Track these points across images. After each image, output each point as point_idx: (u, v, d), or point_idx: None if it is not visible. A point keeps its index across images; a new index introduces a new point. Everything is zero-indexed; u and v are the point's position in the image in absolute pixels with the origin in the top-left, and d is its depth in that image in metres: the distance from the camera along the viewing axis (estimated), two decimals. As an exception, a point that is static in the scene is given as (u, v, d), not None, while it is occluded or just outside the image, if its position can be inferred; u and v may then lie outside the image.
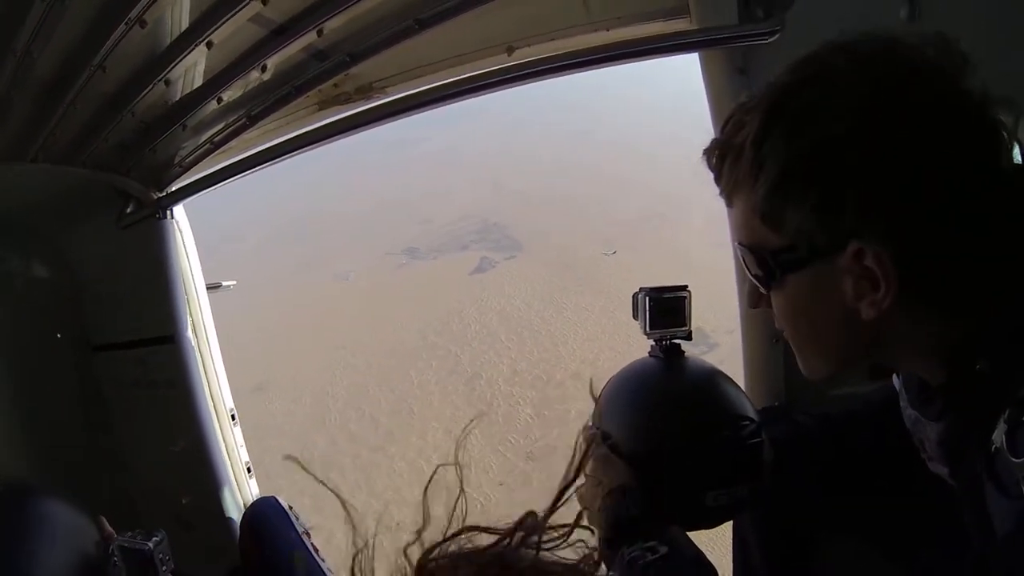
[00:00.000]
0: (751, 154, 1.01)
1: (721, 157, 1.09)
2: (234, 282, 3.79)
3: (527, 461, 8.02)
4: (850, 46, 0.99)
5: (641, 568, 1.16)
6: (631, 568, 1.17)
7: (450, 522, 0.76)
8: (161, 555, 1.83)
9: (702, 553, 1.23)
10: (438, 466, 0.92)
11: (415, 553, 0.74)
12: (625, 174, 14.69)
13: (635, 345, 1.57)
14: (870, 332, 1.00)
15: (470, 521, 0.76)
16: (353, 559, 0.77)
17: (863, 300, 0.97)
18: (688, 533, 1.31)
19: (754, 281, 1.12)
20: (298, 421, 12.13)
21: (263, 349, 14.73)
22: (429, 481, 0.85)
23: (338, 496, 0.85)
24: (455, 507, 0.77)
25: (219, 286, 3.34)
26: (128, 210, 2.74)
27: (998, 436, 0.87)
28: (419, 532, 0.75)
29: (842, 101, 0.93)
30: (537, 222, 15.44)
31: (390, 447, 10.12)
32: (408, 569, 0.74)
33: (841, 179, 0.93)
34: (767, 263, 1.06)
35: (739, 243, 1.10)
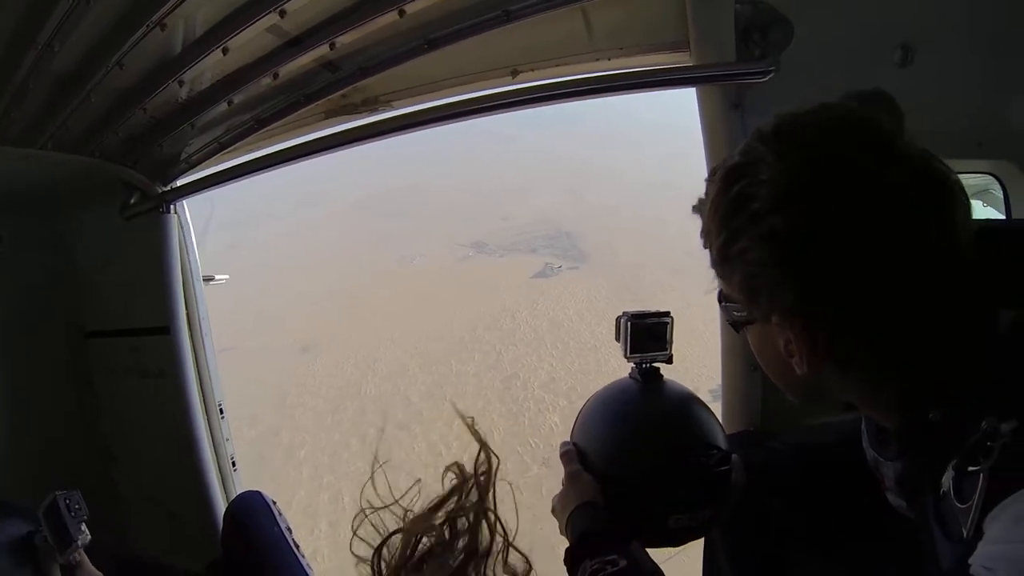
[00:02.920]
0: (704, 226, 1.14)
1: (699, 214, 1.18)
2: (227, 276, 3.82)
3: (541, 466, 8.07)
4: (783, 131, 1.04)
5: None
6: None
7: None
8: (67, 501, 1.84)
9: (660, 570, 1.29)
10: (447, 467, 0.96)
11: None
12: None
13: (678, 376, 1.61)
14: (810, 383, 1.11)
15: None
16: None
17: (792, 359, 1.07)
18: (654, 550, 1.37)
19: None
20: (335, 385, 12.26)
21: (318, 313, 14.88)
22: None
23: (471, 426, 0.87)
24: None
25: (212, 279, 3.38)
26: (132, 201, 2.79)
27: (946, 480, 0.94)
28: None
29: (763, 193, 1.00)
30: (609, 237, 15.40)
31: (415, 427, 10.20)
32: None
33: (755, 268, 1.04)
34: (728, 312, 1.19)
35: (718, 287, 1.21)
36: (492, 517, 0.88)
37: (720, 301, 1.21)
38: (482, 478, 0.85)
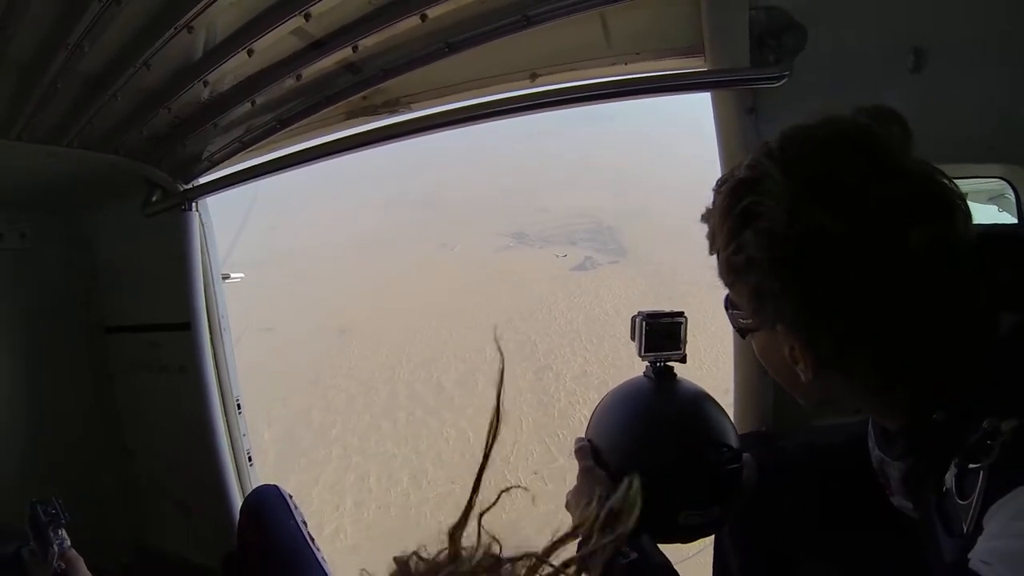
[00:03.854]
0: (711, 236, 1.17)
1: (706, 223, 1.21)
2: (242, 275, 3.86)
3: (568, 458, 8.15)
4: (789, 147, 1.07)
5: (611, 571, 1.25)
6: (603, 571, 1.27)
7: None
8: (43, 507, 1.85)
9: (669, 563, 1.31)
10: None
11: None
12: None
13: (709, 373, 1.62)
14: (814, 389, 1.15)
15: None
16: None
17: (797, 366, 1.11)
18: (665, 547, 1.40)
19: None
20: (369, 368, 12.36)
21: (357, 296, 14.99)
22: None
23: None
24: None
25: (227, 277, 3.42)
26: (154, 199, 2.84)
27: (949, 478, 0.98)
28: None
29: (768, 208, 1.03)
30: (649, 235, 15.41)
31: (446, 412, 10.26)
32: None
33: (760, 280, 1.07)
34: (735, 319, 1.25)
35: (726, 295, 1.25)
36: None
37: (727, 308, 1.25)
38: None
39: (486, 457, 0.80)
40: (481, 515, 0.78)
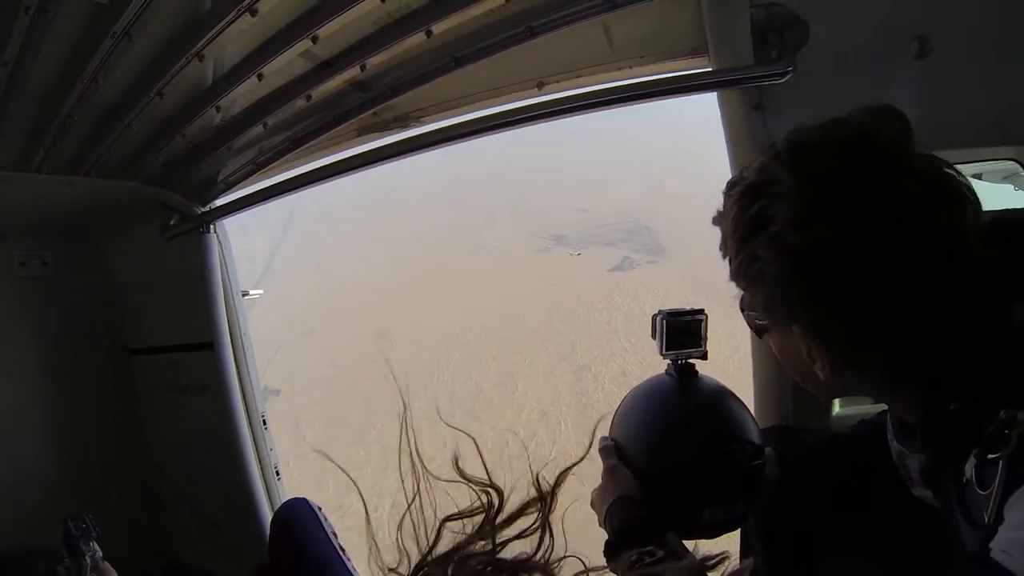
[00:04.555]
0: (725, 239, 1.19)
1: (718, 225, 1.22)
2: (260, 291, 3.90)
3: None
4: (797, 150, 1.09)
5: (639, 569, 1.27)
6: (630, 569, 1.29)
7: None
8: (74, 522, 1.90)
9: (696, 559, 1.33)
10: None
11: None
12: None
13: (747, 372, 1.63)
14: (833, 386, 1.18)
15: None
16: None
17: (815, 365, 1.13)
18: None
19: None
20: (408, 370, 12.44)
21: (395, 300, 15.09)
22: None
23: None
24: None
25: (246, 294, 3.45)
26: (172, 223, 2.88)
27: (969, 468, 0.99)
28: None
29: (779, 212, 1.05)
30: (688, 230, 15.36)
31: (485, 414, 10.31)
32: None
33: (774, 283, 1.08)
34: (751, 319, 1.26)
35: (741, 296, 1.26)
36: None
37: (742, 309, 1.26)
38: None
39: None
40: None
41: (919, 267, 1.00)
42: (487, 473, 0.88)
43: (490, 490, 0.90)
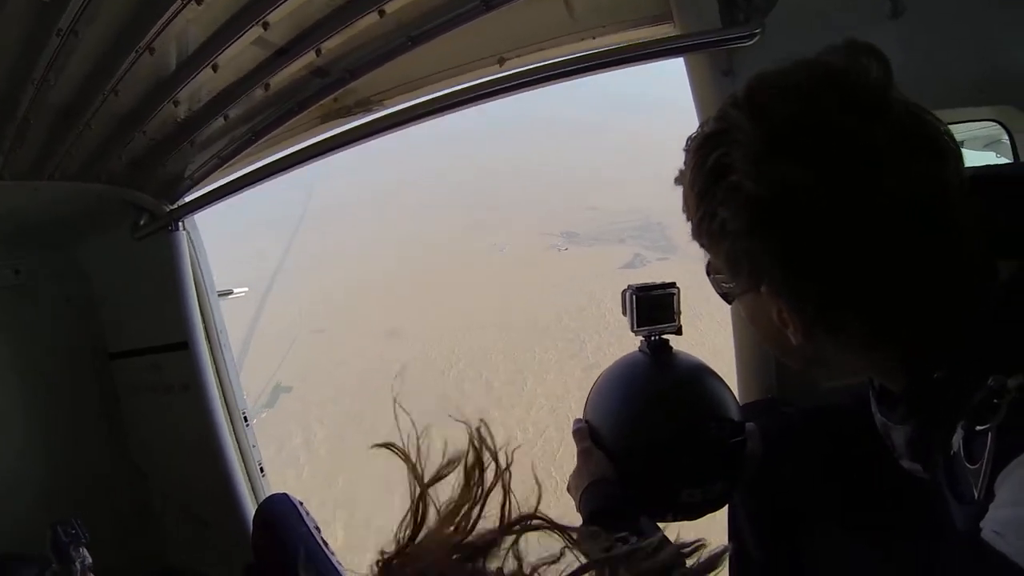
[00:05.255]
0: (686, 200, 1.11)
1: (681, 185, 1.15)
2: (246, 289, 3.87)
3: None
4: (757, 94, 1.00)
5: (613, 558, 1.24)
6: (604, 557, 1.25)
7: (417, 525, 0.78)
8: (63, 528, 1.89)
9: (669, 542, 1.30)
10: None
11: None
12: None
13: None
14: (806, 351, 1.08)
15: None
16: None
17: (787, 329, 1.05)
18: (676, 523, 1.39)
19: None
20: (418, 369, 12.57)
21: (406, 298, 15.24)
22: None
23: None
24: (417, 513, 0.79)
25: (230, 293, 3.42)
26: (141, 222, 2.85)
27: (956, 440, 0.92)
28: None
29: (738, 160, 0.97)
30: None
31: (494, 411, 10.44)
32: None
33: (736, 238, 1.00)
34: (717, 284, 1.18)
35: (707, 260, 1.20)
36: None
37: (708, 274, 1.20)
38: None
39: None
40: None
41: (894, 218, 0.91)
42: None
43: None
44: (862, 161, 0.91)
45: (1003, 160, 2.14)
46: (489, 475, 0.81)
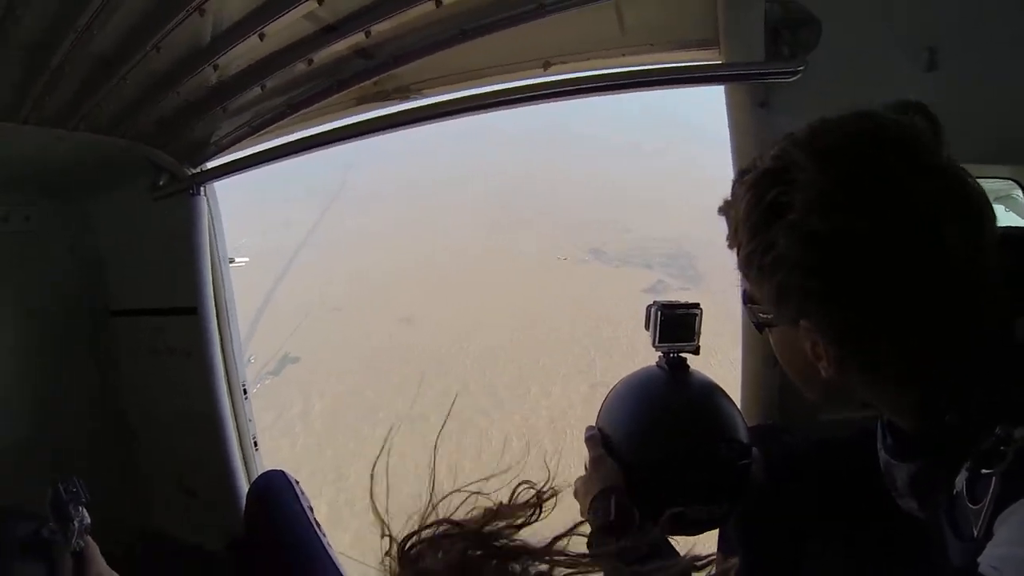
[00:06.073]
0: (735, 229, 1.15)
1: (725, 215, 1.20)
2: (247, 259, 3.86)
3: None
4: (819, 137, 1.05)
5: (622, 566, 1.25)
6: (613, 565, 1.26)
7: (432, 508, 0.79)
8: (65, 486, 1.87)
9: (679, 556, 1.31)
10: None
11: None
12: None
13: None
14: (834, 385, 1.12)
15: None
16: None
17: (819, 362, 1.09)
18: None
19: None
20: (425, 360, 12.57)
21: (425, 289, 15.28)
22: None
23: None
24: (431, 492, 0.80)
25: (232, 261, 3.41)
26: (161, 183, 2.82)
27: (960, 481, 0.97)
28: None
29: (797, 200, 1.01)
30: (728, 263, 15.52)
31: (495, 414, 10.41)
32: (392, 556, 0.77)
33: (786, 274, 1.05)
34: (754, 313, 1.22)
35: (744, 288, 1.23)
36: None
37: (744, 302, 1.23)
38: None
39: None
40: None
41: (939, 271, 0.97)
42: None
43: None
44: (918, 212, 0.96)
45: (1011, 214, 2.17)
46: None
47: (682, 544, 1.40)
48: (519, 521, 0.80)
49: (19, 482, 2.03)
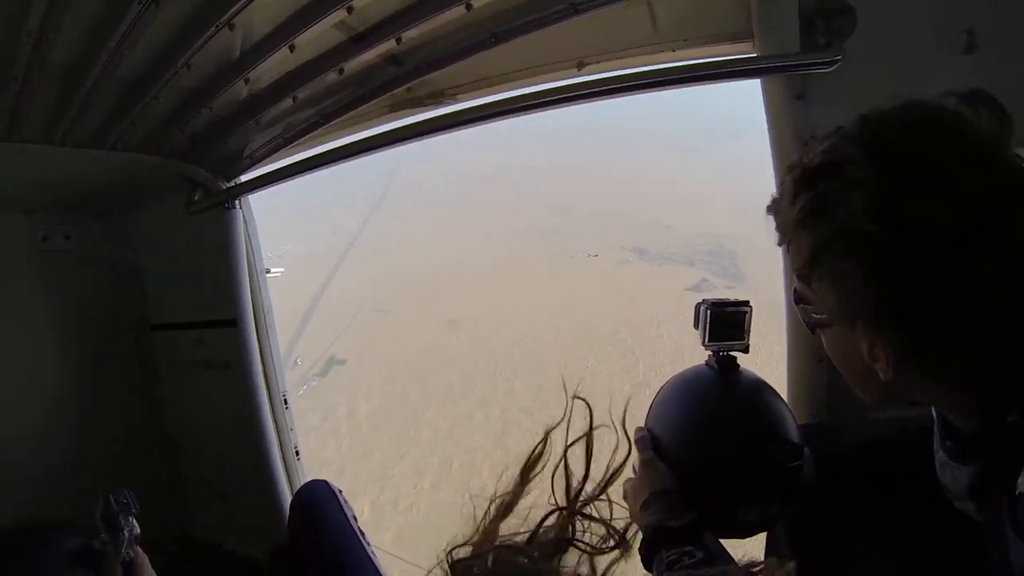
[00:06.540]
0: (786, 227, 1.12)
1: (774, 212, 1.16)
2: (282, 270, 3.88)
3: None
4: (873, 131, 1.00)
5: (677, 570, 1.23)
6: (669, 570, 1.24)
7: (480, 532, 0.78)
8: (115, 497, 1.88)
9: (735, 561, 1.29)
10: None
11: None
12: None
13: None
14: (890, 387, 1.07)
15: None
16: None
17: (877, 363, 1.04)
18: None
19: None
20: (470, 361, 12.77)
21: (471, 291, 15.60)
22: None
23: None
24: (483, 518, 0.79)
25: (268, 272, 3.43)
26: (196, 198, 2.84)
27: (1022, 482, 0.92)
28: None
29: (854, 197, 0.97)
30: (772, 262, 15.57)
31: (539, 413, 10.57)
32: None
33: (844, 274, 1.01)
34: (806, 313, 1.17)
35: (794, 287, 1.19)
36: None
37: (796, 302, 1.19)
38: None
39: None
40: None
41: (998, 267, 0.92)
42: None
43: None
44: (982, 204, 0.91)
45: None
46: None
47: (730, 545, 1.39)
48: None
49: (68, 495, 2.06)
